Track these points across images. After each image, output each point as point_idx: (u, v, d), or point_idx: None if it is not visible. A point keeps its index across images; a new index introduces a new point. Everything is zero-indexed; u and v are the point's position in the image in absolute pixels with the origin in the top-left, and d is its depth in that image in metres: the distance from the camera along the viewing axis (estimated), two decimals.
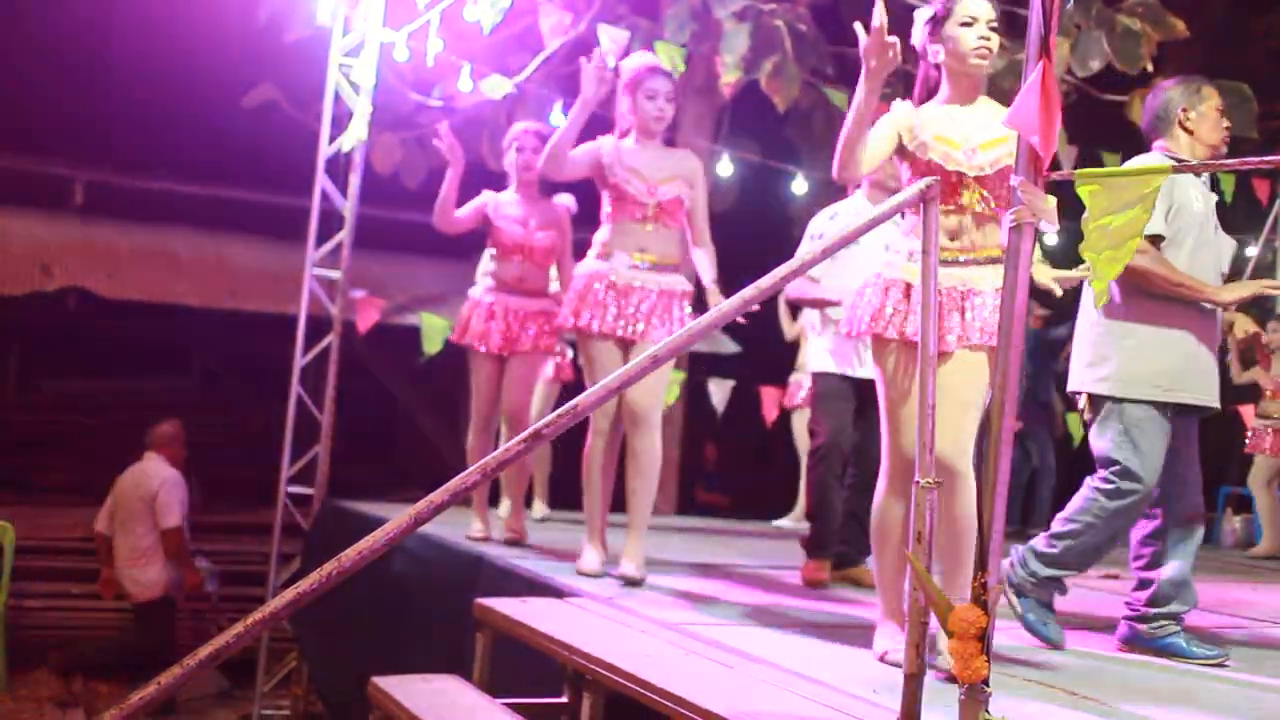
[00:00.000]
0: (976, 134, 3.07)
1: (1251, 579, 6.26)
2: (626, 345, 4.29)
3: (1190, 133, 3.55)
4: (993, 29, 3.10)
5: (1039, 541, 3.52)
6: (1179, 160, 3.50)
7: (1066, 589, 3.55)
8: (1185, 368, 3.43)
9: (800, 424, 7.04)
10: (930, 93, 3.21)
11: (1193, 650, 3.41)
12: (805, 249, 4.77)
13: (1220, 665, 3.38)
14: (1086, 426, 3.56)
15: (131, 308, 8.58)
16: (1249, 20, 10.08)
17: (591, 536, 4.34)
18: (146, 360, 10.12)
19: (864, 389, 4.80)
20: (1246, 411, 7.85)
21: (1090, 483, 3.47)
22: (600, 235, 4.38)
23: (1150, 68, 6.25)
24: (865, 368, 4.76)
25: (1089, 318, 3.54)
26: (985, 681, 2.11)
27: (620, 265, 4.28)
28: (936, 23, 3.12)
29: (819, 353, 4.87)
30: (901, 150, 3.14)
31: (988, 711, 2.11)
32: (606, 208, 4.38)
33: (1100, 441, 3.45)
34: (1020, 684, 2.92)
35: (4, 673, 6.61)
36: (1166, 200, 3.45)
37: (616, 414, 4.32)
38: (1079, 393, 3.56)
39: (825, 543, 4.73)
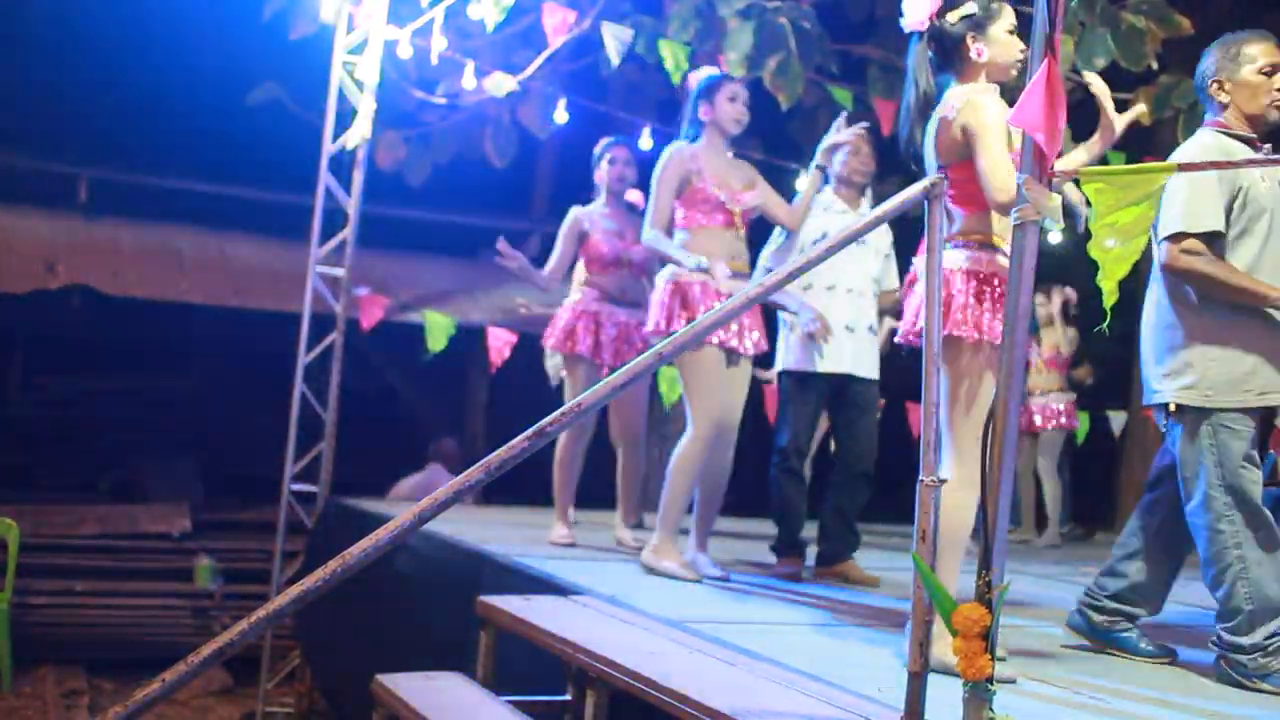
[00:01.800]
0: None
1: None
2: (732, 355, 4.31)
3: (1224, 106, 3.26)
4: None
5: (1222, 626, 3.12)
6: (1234, 136, 3.24)
7: None
8: (1271, 368, 3.15)
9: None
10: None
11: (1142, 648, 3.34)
12: (774, 246, 4.84)
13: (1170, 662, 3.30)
14: (1163, 438, 3.26)
15: (135, 306, 8.59)
16: (1254, 17, 10.06)
17: (674, 534, 4.36)
18: (150, 358, 10.13)
19: (835, 385, 4.80)
20: None
21: (1200, 521, 3.13)
22: (688, 240, 4.35)
23: (1155, 65, 6.24)
24: (832, 363, 4.76)
25: (1161, 322, 3.26)
26: (990, 680, 2.11)
27: (721, 275, 4.26)
28: (979, 24, 3.08)
29: (786, 350, 4.89)
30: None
31: (992, 709, 2.11)
32: (689, 214, 4.36)
33: (1190, 455, 3.16)
34: (1024, 682, 2.92)
35: (9, 670, 6.62)
36: (1229, 188, 3.16)
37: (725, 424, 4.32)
38: (1157, 405, 3.26)
39: (794, 541, 4.80)
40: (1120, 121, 3.13)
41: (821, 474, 5.65)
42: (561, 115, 7.57)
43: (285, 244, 8.90)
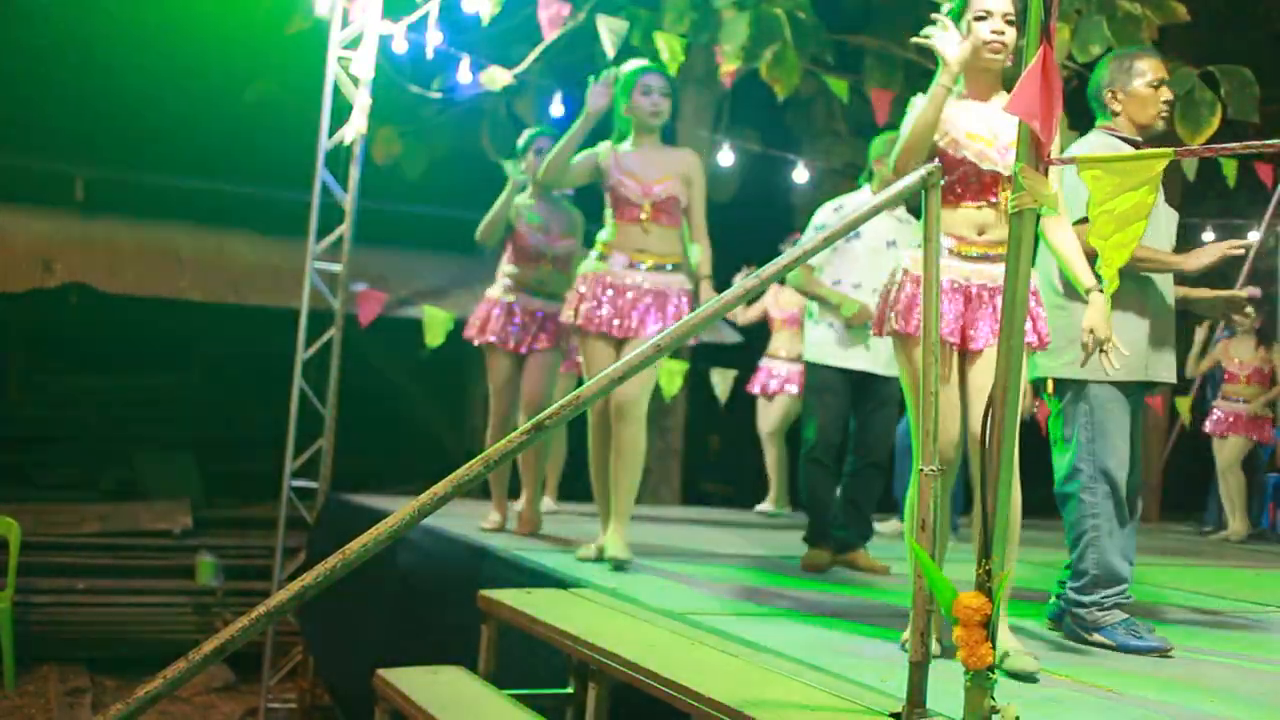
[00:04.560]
0: (1005, 132, 3.05)
1: (1250, 563, 6.27)
2: (620, 343, 4.37)
3: (1116, 114, 3.47)
4: (1009, 23, 3.08)
5: (1070, 583, 3.42)
6: (1123, 139, 3.42)
7: (1129, 595, 3.42)
8: (1150, 345, 3.40)
9: (764, 409, 7.13)
10: None
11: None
12: (808, 238, 4.81)
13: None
14: (1040, 414, 3.50)
15: (133, 303, 8.59)
16: (1250, 3, 10.05)
17: (601, 524, 4.42)
18: (149, 356, 10.13)
19: (859, 380, 4.83)
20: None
21: (1068, 489, 3.40)
22: (601, 235, 4.47)
23: None
24: (855, 360, 4.79)
25: (1047, 303, 3.37)
26: (991, 668, 2.11)
27: (617, 266, 4.36)
28: (955, 17, 3.11)
29: (816, 343, 4.90)
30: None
31: (993, 698, 2.11)
32: (608, 209, 4.46)
33: (1065, 428, 3.41)
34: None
35: (12, 669, 6.63)
36: None
37: (604, 407, 4.37)
38: (1042, 380, 3.50)
39: (824, 532, 4.82)
40: (960, 47, 3.10)
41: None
42: (558, 108, 7.56)
43: (283, 240, 8.90)
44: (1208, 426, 7.82)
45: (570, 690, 3.35)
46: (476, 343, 5.38)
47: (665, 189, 4.37)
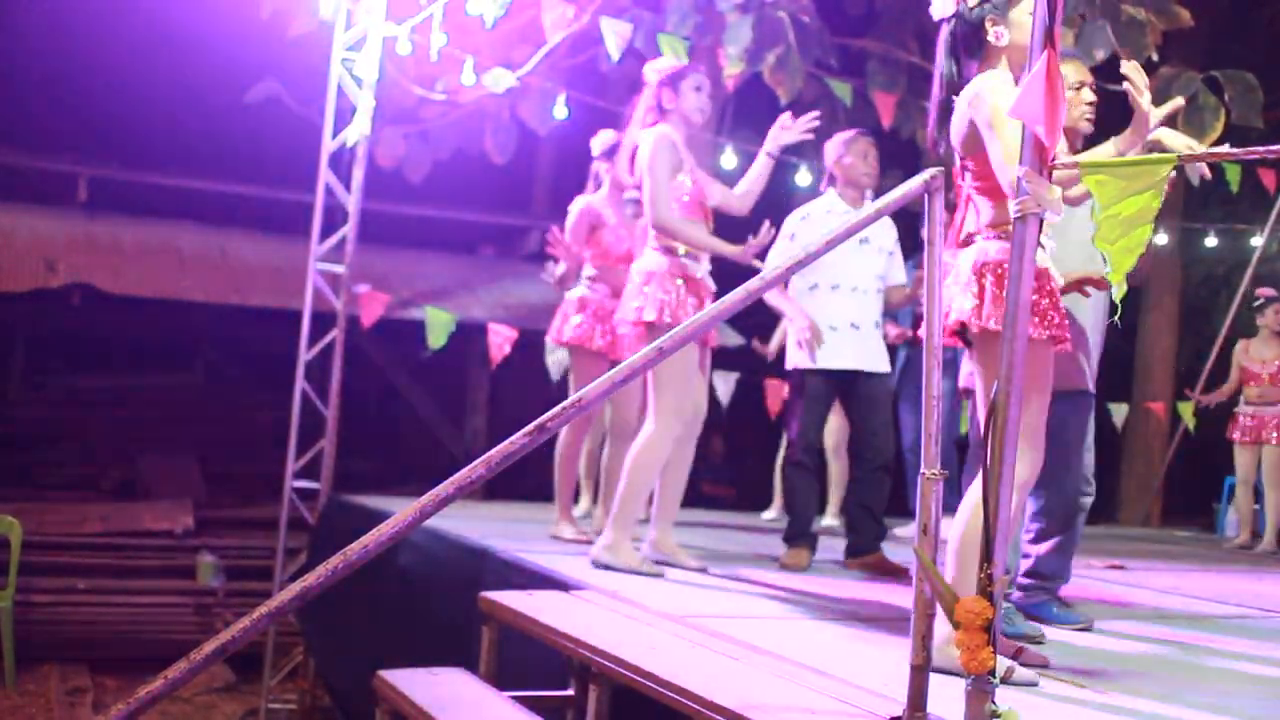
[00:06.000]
0: None
1: (1253, 568, 6.26)
2: (701, 344, 4.28)
3: None
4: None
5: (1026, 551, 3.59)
6: None
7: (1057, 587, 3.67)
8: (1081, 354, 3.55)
9: None
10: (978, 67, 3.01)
11: (1059, 615, 3.54)
12: (780, 249, 4.78)
13: (1086, 629, 3.53)
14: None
15: (136, 303, 8.59)
16: (1254, 9, 10.05)
17: (630, 531, 4.25)
18: (151, 356, 10.14)
19: (841, 382, 4.82)
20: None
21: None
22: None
23: (1155, 57, 6.23)
24: (837, 360, 4.77)
25: None
26: (992, 673, 2.11)
27: (702, 267, 4.29)
28: (1000, 6, 2.96)
29: (794, 348, 4.90)
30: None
31: (994, 703, 2.11)
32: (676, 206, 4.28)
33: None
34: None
35: (12, 668, 6.63)
36: None
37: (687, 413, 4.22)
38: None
39: (803, 531, 4.81)
40: (1156, 115, 2.97)
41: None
42: (561, 111, 7.57)
43: (285, 241, 8.90)
44: (1235, 435, 7.67)
45: (571, 692, 3.35)
46: (586, 347, 5.16)
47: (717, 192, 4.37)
